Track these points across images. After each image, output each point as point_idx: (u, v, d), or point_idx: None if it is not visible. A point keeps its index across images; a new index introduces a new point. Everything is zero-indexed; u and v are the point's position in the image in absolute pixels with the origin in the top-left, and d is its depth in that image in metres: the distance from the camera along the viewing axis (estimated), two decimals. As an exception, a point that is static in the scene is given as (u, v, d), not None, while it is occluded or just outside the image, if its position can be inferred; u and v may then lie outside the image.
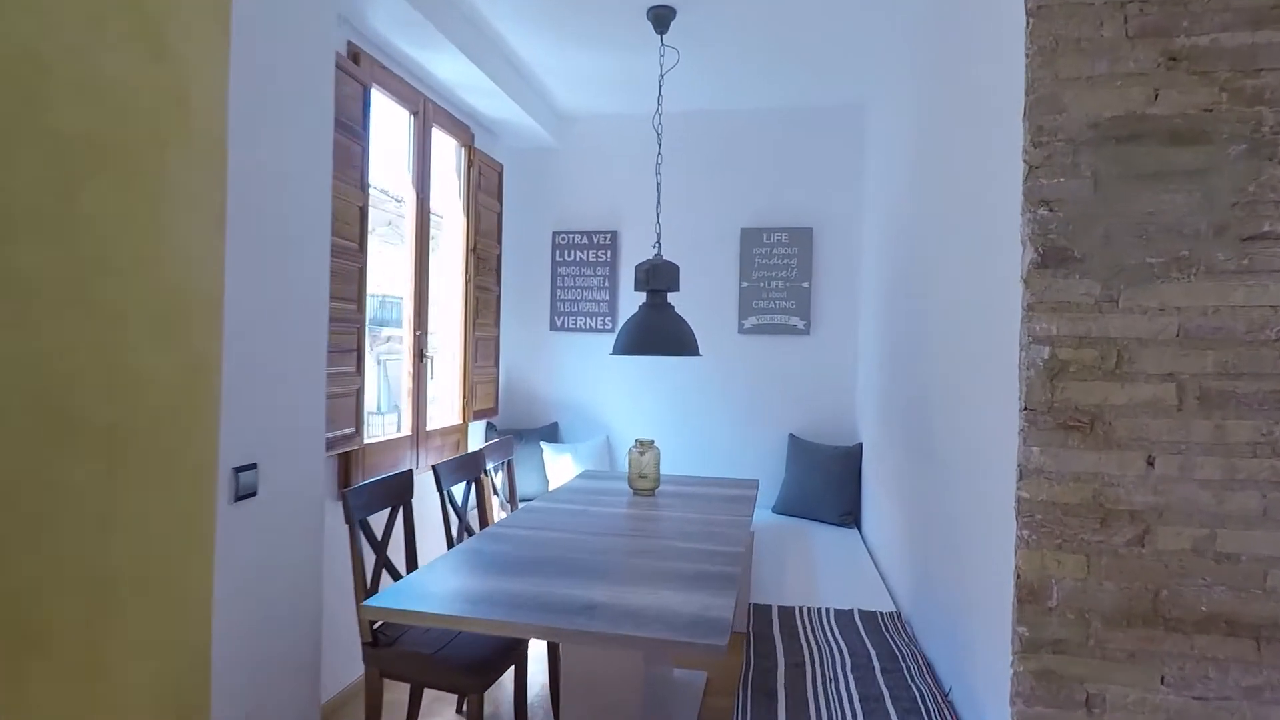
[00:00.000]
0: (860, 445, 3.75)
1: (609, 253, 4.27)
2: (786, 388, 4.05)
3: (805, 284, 4.00)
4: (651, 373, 4.21)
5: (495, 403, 4.09)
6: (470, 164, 3.72)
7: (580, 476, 3.49)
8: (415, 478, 2.67)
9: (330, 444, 2.58)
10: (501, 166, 4.05)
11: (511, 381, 4.43)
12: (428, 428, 3.37)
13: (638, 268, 2.84)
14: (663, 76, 3.16)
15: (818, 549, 3.31)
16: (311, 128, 2.10)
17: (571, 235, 4.29)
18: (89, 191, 1.38)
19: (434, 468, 2.68)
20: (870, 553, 3.30)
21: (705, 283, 4.13)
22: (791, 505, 3.82)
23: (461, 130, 3.67)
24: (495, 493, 3.34)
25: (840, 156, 3.98)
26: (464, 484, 2.94)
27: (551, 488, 3.90)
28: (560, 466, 4.05)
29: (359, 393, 2.76)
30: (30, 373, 1.29)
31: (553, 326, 4.35)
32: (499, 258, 4.06)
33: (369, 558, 2.47)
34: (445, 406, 3.80)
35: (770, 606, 2.50)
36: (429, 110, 3.29)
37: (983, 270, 1.78)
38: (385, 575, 2.39)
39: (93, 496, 1.41)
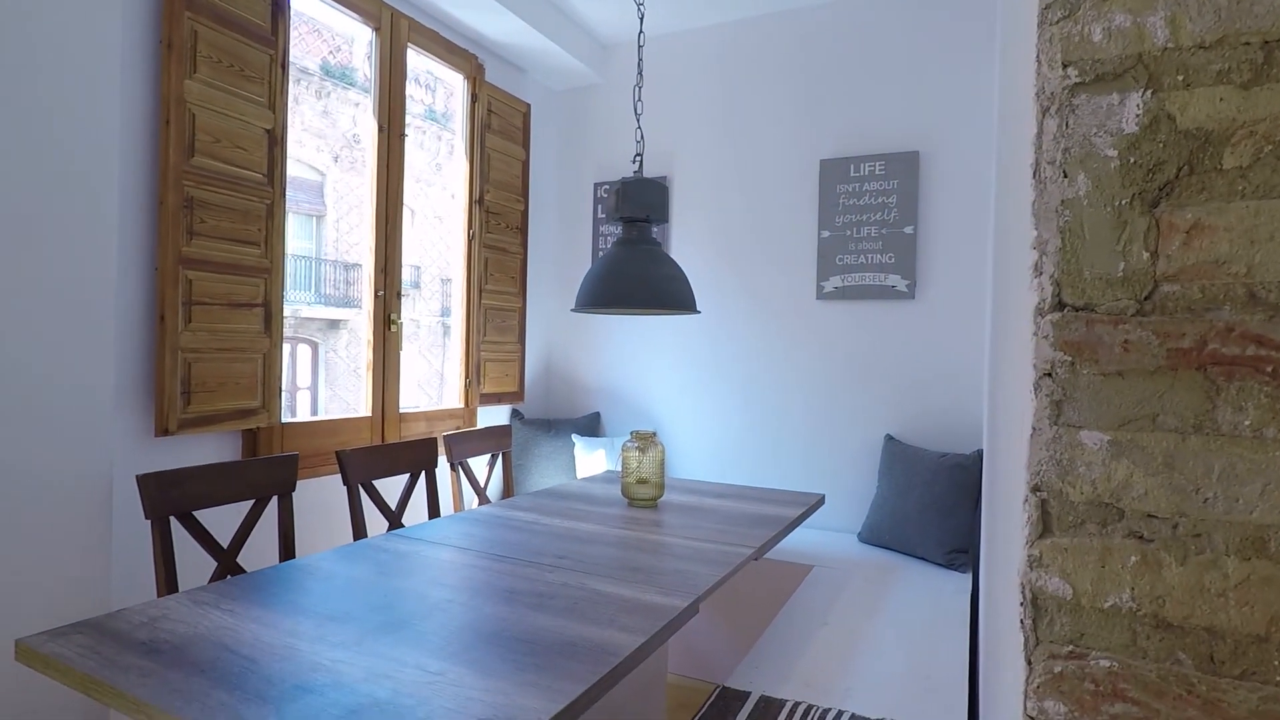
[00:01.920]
0: (980, 454, 2.60)
1: (661, 206, 3.45)
2: (882, 372, 2.98)
3: (909, 229, 2.91)
4: (711, 354, 3.33)
5: (519, 386, 3.45)
6: (475, 99, 3.12)
7: (596, 477, 2.74)
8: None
9: (212, 418, 2.07)
10: (528, 107, 3.41)
11: (550, 364, 3.77)
12: (401, 409, 2.79)
13: (609, 188, 2.04)
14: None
15: (901, 601, 2.26)
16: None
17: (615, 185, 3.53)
18: None
19: (338, 454, 2.08)
20: (977, 616, 2.19)
21: (771, 235, 3.18)
22: (883, 534, 2.76)
23: (465, 59, 3.08)
24: (479, 492, 2.68)
25: (961, 45, 2.84)
26: (406, 479, 2.33)
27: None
28: (592, 464, 3.32)
29: (266, 360, 2.23)
30: None
31: (594, 297, 3.63)
32: (524, 214, 3.42)
33: (203, 562, 1.91)
34: (452, 387, 3.23)
35: (746, 696, 1.57)
36: (399, 26, 2.73)
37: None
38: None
39: None
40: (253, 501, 1.85)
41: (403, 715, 0.96)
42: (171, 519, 1.67)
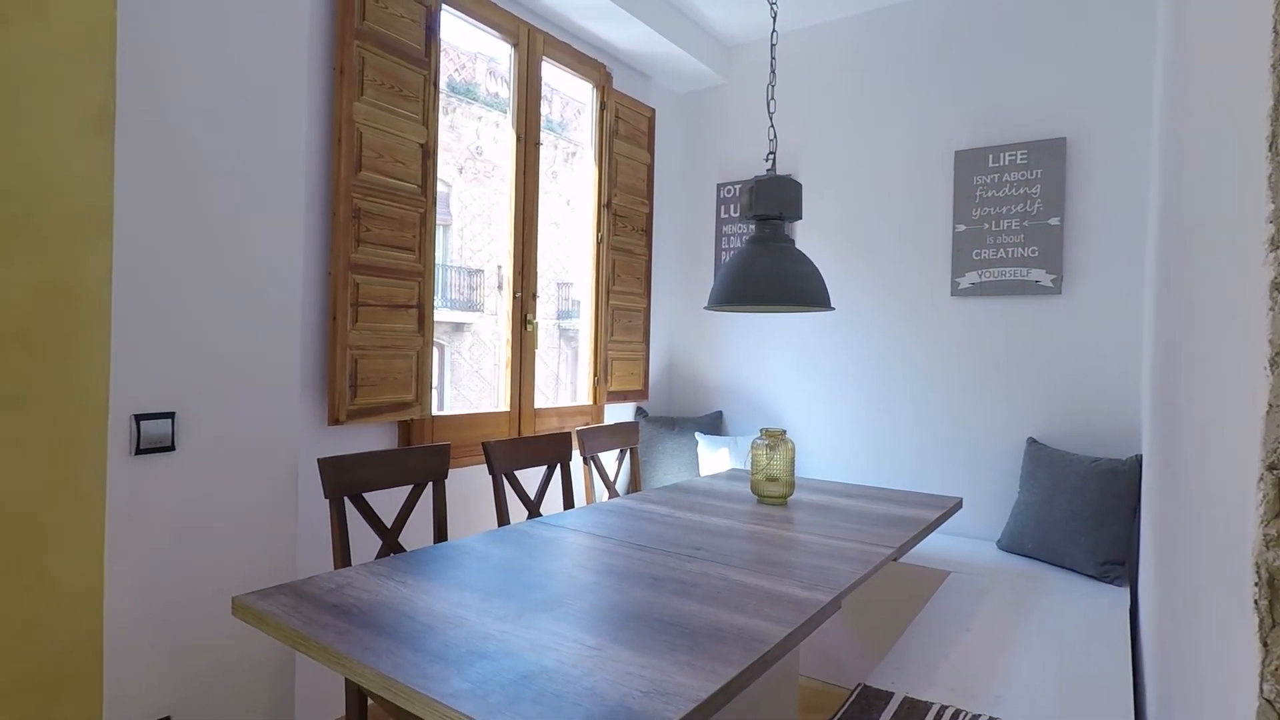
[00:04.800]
0: (1139, 459, 2.41)
1: (784, 204, 3.43)
2: (1025, 372, 2.82)
3: (1054, 221, 2.74)
4: (838, 353, 3.27)
5: (644, 384, 3.52)
6: (603, 107, 3.23)
7: (721, 474, 2.77)
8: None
9: (374, 410, 2.26)
10: (653, 112, 3.49)
11: (673, 363, 3.83)
12: (537, 405, 2.93)
13: (741, 187, 2.06)
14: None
15: (1050, 611, 2.13)
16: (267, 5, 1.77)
17: (737, 187, 3.55)
18: None
19: (484, 445, 2.22)
20: (1136, 634, 2.03)
21: (901, 230, 3.09)
22: (1026, 542, 2.61)
23: (593, 69, 3.20)
24: (609, 485, 2.77)
25: (1110, 20, 2.65)
26: (543, 470, 2.45)
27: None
28: (715, 462, 3.34)
29: (419, 357, 2.41)
30: None
31: (716, 297, 3.65)
32: (649, 216, 3.50)
33: (367, 537, 2.12)
34: (573, 385, 3.35)
35: (890, 696, 1.53)
36: (535, 41, 2.87)
37: None
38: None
39: None
40: (411, 486, 2.01)
41: (570, 684, 1.02)
42: (345, 499, 1.85)
